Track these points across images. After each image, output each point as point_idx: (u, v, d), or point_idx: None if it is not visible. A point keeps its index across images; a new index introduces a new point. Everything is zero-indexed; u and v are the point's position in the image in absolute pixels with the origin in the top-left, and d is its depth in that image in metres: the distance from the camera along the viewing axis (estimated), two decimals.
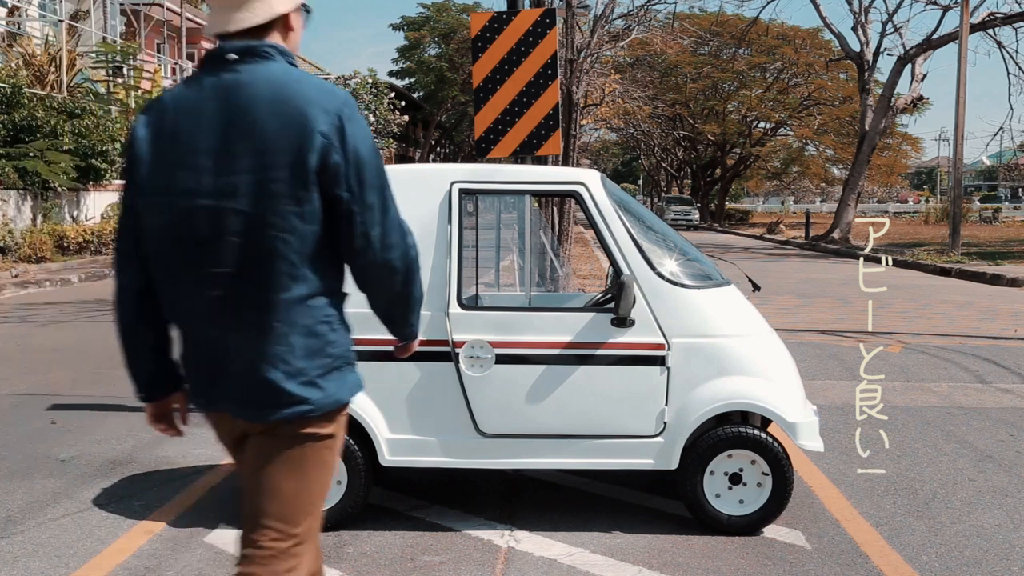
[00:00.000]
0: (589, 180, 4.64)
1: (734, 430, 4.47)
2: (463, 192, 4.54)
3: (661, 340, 4.43)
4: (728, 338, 4.55)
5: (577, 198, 4.66)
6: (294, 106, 2.31)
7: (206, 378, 2.45)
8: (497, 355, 4.42)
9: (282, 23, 2.45)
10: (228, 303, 2.34)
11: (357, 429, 4.49)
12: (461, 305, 4.51)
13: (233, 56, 2.35)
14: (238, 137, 2.31)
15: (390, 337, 2.85)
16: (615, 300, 4.40)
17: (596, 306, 4.56)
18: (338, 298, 2.48)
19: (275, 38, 2.43)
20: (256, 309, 2.33)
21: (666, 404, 4.46)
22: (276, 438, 2.41)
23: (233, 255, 2.31)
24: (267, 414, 2.37)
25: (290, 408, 2.36)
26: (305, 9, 2.54)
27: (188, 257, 2.35)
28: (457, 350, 4.42)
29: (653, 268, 4.50)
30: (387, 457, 4.47)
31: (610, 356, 4.44)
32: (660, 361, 4.44)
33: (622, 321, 4.40)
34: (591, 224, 4.62)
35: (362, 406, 4.44)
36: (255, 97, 2.32)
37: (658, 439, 4.46)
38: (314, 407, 2.38)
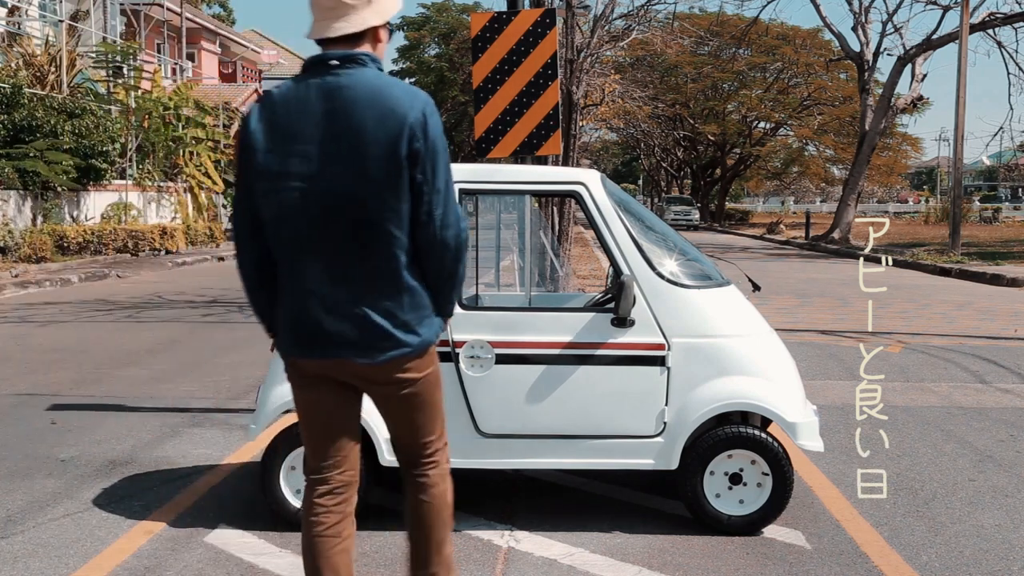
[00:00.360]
0: (589, 180, 4.64)
1: (734, 430, 4.47)
2: (463, 192, 4.54)
3: (661, 340, 4.43)
4: (728, 338, 4.55)
5: (577, 198, 4.66)
6: (388, 105, 2.78)
7: (323, 331, 2.89)
8: (497, 355, 4.42)
9: (372, 35, 2.90)
10: (345, 269, 2.85)
11: None
12: (461, 305, 4.51)
13: (335, 62, 2.83)
14: (342, 131, 2.78)
15: None
16: (615, 300, 4.40)
17: (596, 306, 4.56)
18: (415, 259, 2.93)
19: (366, 47, 2.89)
20: (367, 272, 2.85)
21: (666, 404, 4.45)
22: (392, 386, 2.98)
23: (344, 229, 2.81)
24: (378, 356, 2.89)
25: (397, 350, 2.90)
26: (390, 27, 3.01)
27: (307, 231, 2.83)
28: (457, 350, 4.42)
29: (653, 268, 4.50)
30: (387, 457, 4.47)
31: (610, 356, 4.43)
32: (660, 361, 4.44)
33: (622, 321, 4.40)
34: (591, 224, 4.62)
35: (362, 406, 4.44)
36: (355, 98, 2.79)
37: (658, 439, 4.46)
38: (413, 349, 2.92)
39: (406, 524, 3.19)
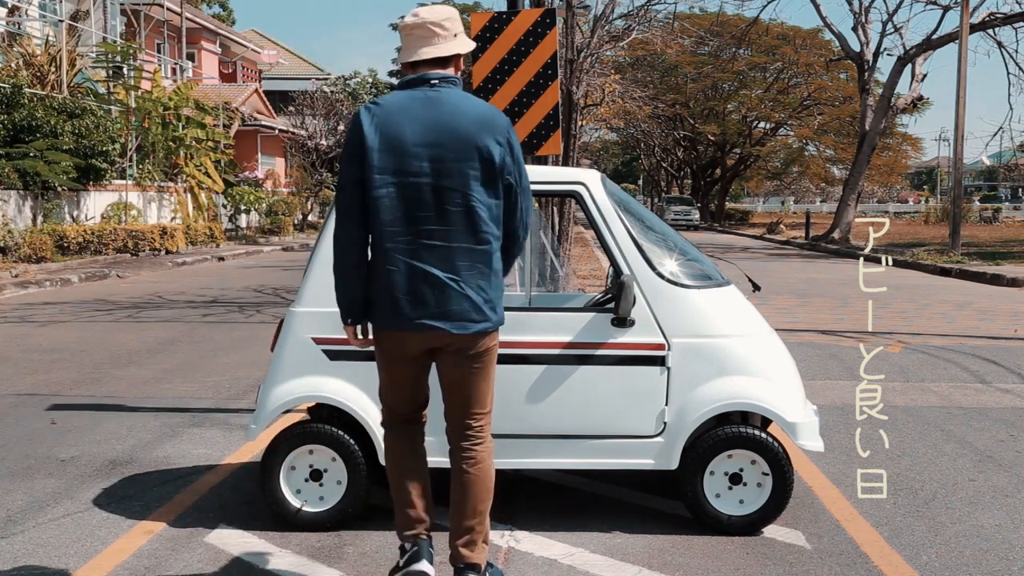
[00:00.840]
0: (589, 180, 4.64)
1: (734, 430, 4.47)
2: None
3: (661, 340, 4.43)
4: (728, 338, 4.55)
5: (577, 198, 4.66)
6: (485, 117, 3.46)
7: (418, 304, 3.42)
8: (499, 355, 4.41)
9: (455, 61, 3.57)
10: (445, 249, 3.40)
11: (357, 429, 4.50)
12: None
13: (435, 80, 3.48)
14: (446, 137, 3.40)
15: None
16: (615, 300, 4.40)
17: (596, 306, 4.55)
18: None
19: (450, 70, 3.54)
20: (463, 254, 3.42)
21: (666, 404, 4.46)
22: (470, 357, 3.50)
23: (447, 216, 3.40)
24: (470, 327, 3.44)
25: (482, 323, 3.46)
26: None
27: (414, 217, 3.40)
28: None
29: (653, 268, 4.49)
30: None
31: (610, 356, 4.43)
32: (660, 361, 4.44)
33: (622, 321, 4.40)
34: (591, 224, 4.62)
35: (362, 406, 4.44)
36: (455, 110, 3.43)
37: (658, 439, 4.46)
38: (493, 324, 3.50)
39: (452, 494, 3.63)
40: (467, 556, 3.59)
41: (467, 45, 3.60)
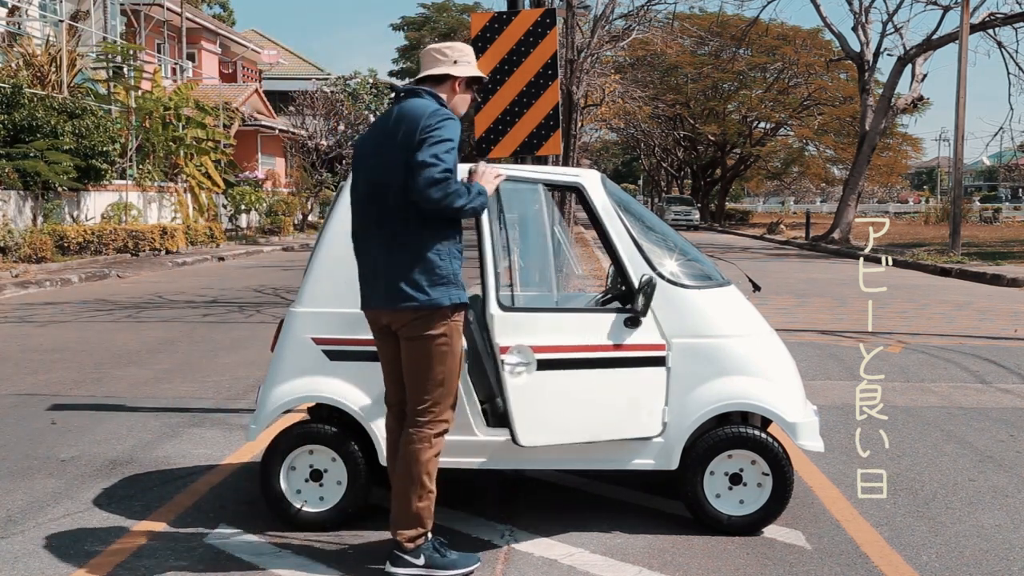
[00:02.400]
0: (589, 181, 4.64)
1: (734, 430, 4.47)
2: None
3: (661, 340, 4.43)
4: (728, 338, 4.55)
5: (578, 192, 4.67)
6: (404, 118, 3.82)
7: (370, 285, 3.91)
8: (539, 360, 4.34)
9: (451, 84, 3.98)
10: (386, 240, 3.84)
11: (357, 429, 4.49)
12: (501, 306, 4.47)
13: (403, 94, 3.97)
14: (384, 140, 3.88)
15: None
16: (638, 300, 4.33)
17: (609, 306, 4.48)
18: (446, 239, 3.82)
19: (443, 90, 3.96)
20: (398, 242, 3.83)
21: (666, 404, 4.45)
22: (413, 341, 3.82)
23: (384, 210, 3.84)
24: (393, 305, 3.81)
25: (407, 302, 3.78)
26: (477, 90, 4.23)
27: (367, 211, 3.91)
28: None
29: (653, 268, 4.49)
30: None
31: (625, 358, 4.39)
32: (660, 361, 4.43)
33: (635, 321, 4.37)
34: (593, 224, 4.61)
35: (362, 406, 4.44)
36: (398, 117, 3.85)
37: (658, 439, 4.46)
38: (420, 304, 3.77)
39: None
40: (392, 535, 3.92)
41: (462, 70, 3.96)
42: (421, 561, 3.88)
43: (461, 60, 3.99)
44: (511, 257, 4.79)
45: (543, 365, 4.22)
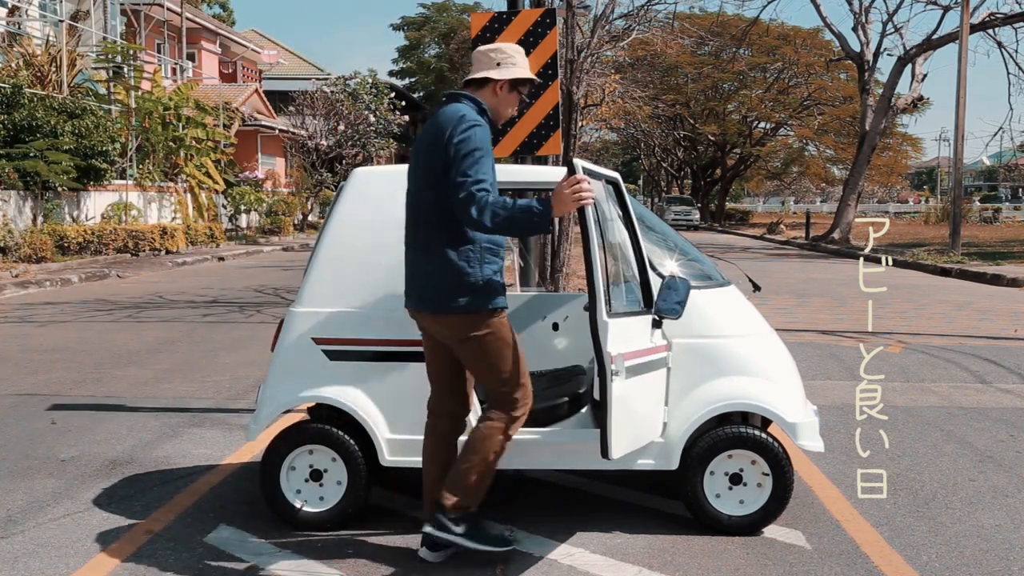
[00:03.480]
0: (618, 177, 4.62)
1: (734, 430, 4.46)
2: None
3: (662, 340, 4.42)
4: (728, 338, 4.54)
5: None
6: (439, 122, 3.89)
7: (409, 285, 4.04)
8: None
9: (492, 87, 4.02)
10: (421, 245, 3.97)
11: (357, 429, 4.49)
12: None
13: (444, 99, 4.03)
14: (418, 147, 4.00)
15: (388, 337, 4.38)
16: (673, 302, 4.23)
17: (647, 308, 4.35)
18: (475, 245, 3.89)
19: (484, 94, 4.02)
20: (430, 249, 3.94)
21: (666, 404, 4.45)
22: (462, 343, 3.96)
23: (417, 215, 3.98)
24: (426, 308, 3.97)
25: (438, 309, 3.92)
26: (521, 92, 4.10)
27: (408, 216, 4.04)
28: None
29: (654, 268, 4.48)
30: (387, 457, 4.47)
31: (657, 360, 4.33)
32: (661, 362, 4.42)
33: (658, 323, 4.34)
34: (625, 221, 4.56)
35: (362, 406, 4.44)
36: (430, 124, 3.93)
37: (659, 439, 4.45)
38: (449, 311, 3.89)
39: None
40: (438, 499, 4.02)
41: (503, 72, 4.01)
42: (460, 530, 4.00)
43: (505, 62, 4.03)
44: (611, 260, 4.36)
45: (629, 372, 4.02)
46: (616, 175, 4.53)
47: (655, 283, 4.36)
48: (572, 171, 3.82)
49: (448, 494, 3.99)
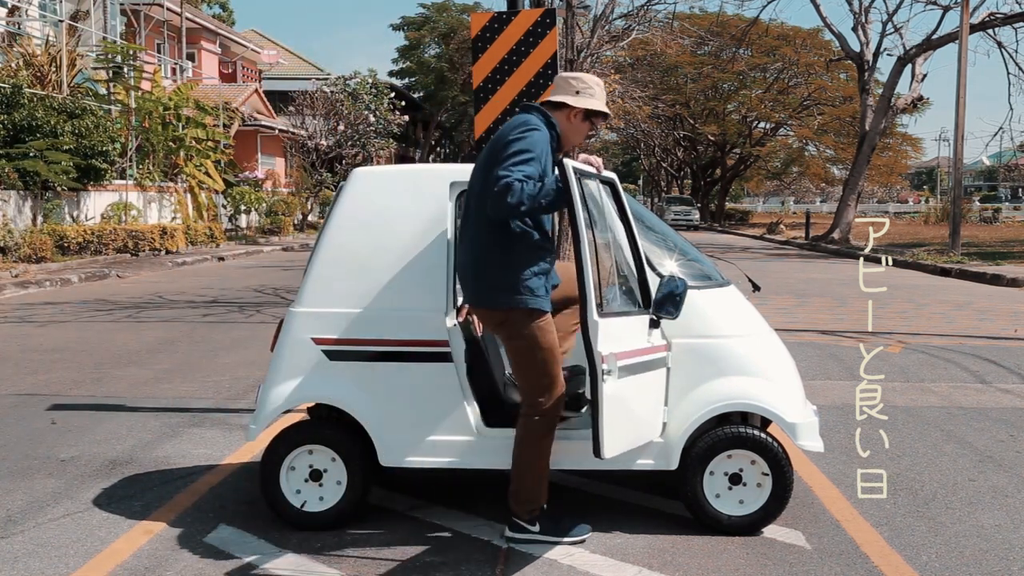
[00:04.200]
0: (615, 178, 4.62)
1: (734, 430, 4.46)
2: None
3: (661, 340, 4.42)
4: (728, 338, 4.54)
5: None
6: (498, 134, 4.13)
7: (461, 282, 4.30)
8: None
9: (567, 112, 4.21)
10: (468, 244, 4.20)
11: (356, 429, 4.49)
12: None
13: (518, 109, 4.43)
14: (484, 150, 4.18)
15: (388, 338, 4.42)
16: (670, 302, 4.22)
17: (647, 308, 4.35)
18: (516, 246, 4.08)
19: (559, 116, 4.20)
20: (475, 249, 4.17)
21: (666, 404, 4.45)
22: (507, 342, 4.18)
23: (467, 216, 4.21)
24: (474, 303, 4.24)
25: (481, 306, 4.19)
26: (593, 124, 4.33)
27: (463, 214, 4.30)
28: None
29: (653, 268, 4.48)
30: (386, 457, 4.47)
31: (655, 360, 4.34)
32: (660, 362, 4.42)
33: (656, 323, 4.34)
34: (622, 220, 4.56)
35: (361, 406, 4.44)
36: (500, 129, 4.14)
37: (658, 439, 4.45)
38: (491, 309, 4.13)
39: None
40: (510, 507, 4.27)
41: (580, 101, 4.19)
42: (537, 528, 4.25)
43: (584, 92, 4.20)
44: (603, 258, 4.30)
45: (622, 371, 4.00)
46: (612, 176, 4.53)
47: (653, 283, 4.36)
48: (562, 171, 3.84)
49: (517, 505, 4.23)
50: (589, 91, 4.22)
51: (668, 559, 4.20)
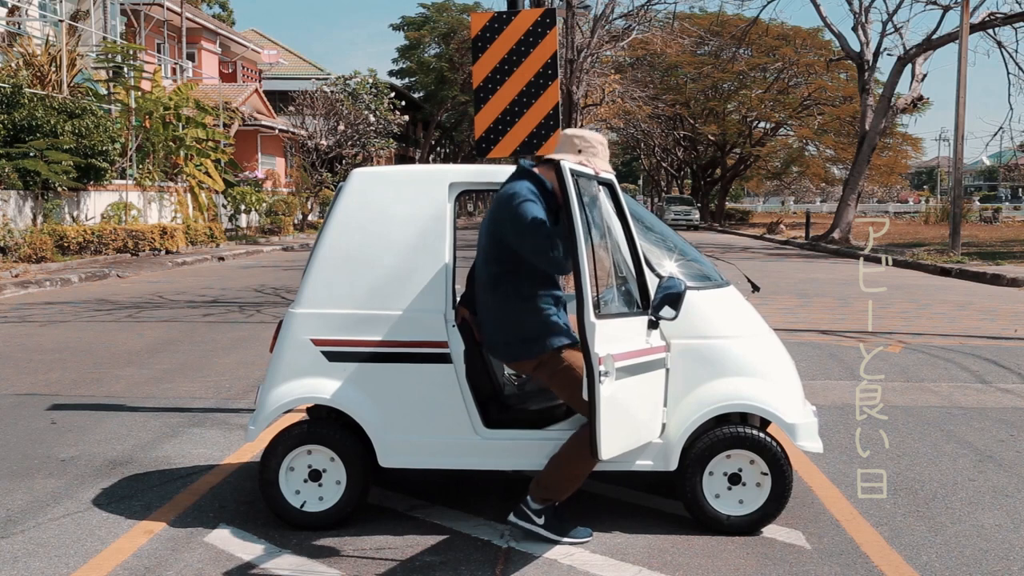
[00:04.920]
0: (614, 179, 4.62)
1: (733, 430, 4.46)
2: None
3: (660, 341, 4.42)
4: (727, 339, 4.54)
5: None
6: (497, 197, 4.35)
7: (492, 350, 4.45)
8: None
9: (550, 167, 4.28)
10: (483, 299, 4.42)
11: (356, 430, 4.49)
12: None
13: (513, 171, 4.42)
14: (487, 215, 4.43)
15: (387, 339, 4.42)
16: (669, 303, 4.21)
17: (646, 309, 4.34)
18: (526, 293, 4.28)
19: (550, 175, 4.26)
20: (489, 304, 4.40)
21: (665, 405, 4.45)
22: (545, 380, 4.36)
23: (479, 272, 4.44)
24: (502, 359, 4.44)
25: (510, 360, 4.40)
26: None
27: (475, 271, 4.55)
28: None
29: (652, 269, 4.48)
30: (386, 459, 4.47)
31: (653, 360, 4.34)
32: (659, 363, 4.42)
33: (657, 324, 4.34)
34: (621, 221, 4.56)
35: (360, 407, 4.44)
36: (498, 195, 4.35)
37: (657, 440, 4.45)
38: (520, 359, 4.33)
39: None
40: (529, 488, 4.35)
41: (585, 164, 4.24)
42: (541, 521, 4.32)
43: (586, 150, 4.29)
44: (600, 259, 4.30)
45: (621, 372, 3.99)
46: (611, 177, 4.53)
47: (652, 283, 4.35)
48: (559, 171, 3.84)
49: (535, 483, 4.30)
50: (592, 150, 4.31)
51: (668, 559, 4.20)
